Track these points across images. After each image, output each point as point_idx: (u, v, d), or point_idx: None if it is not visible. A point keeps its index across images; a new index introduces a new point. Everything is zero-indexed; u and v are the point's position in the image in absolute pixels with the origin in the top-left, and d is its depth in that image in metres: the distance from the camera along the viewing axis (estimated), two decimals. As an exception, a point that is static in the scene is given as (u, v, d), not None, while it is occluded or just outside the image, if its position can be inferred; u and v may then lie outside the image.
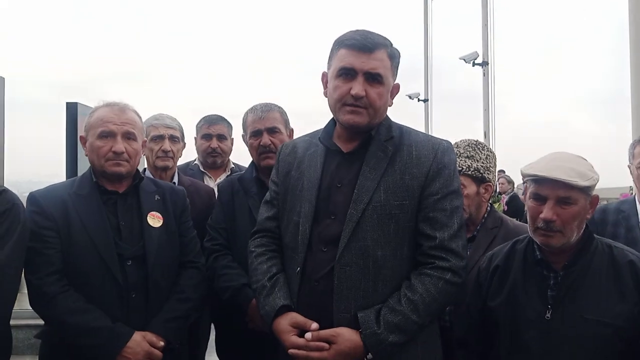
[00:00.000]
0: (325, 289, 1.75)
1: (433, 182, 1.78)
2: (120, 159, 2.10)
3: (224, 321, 2.71)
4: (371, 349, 1.67)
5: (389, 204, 1.75)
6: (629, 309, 1.72)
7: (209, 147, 3.32)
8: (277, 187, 1.99)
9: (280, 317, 1.78)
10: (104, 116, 2.12)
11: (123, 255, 2.05)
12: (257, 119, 2.56)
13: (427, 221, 1.76)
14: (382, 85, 1.79)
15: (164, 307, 2.11)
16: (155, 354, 2.01)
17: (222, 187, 2.68)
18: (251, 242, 2.02)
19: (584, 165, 1.80)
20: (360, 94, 1.76)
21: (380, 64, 1.78)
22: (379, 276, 1.74)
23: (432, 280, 1.72)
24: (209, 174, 3.39)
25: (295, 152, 1.97)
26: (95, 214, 2.07)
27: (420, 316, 1.70)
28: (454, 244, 1.75)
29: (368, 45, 1.77)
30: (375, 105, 1.79)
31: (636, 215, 2.55)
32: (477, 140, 2.47)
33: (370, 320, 1.69)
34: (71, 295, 1.98)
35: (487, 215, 2.36)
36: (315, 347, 1.69)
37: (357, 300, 1.73)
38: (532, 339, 1.79)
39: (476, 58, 14.64)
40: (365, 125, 1.81)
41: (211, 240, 2.54)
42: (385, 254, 1.74)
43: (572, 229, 1.77)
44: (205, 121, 3.36)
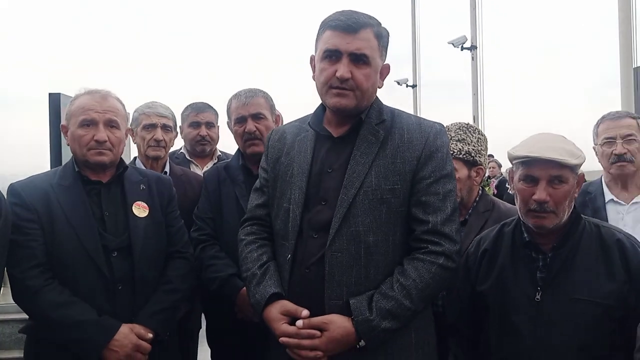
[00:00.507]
0: (317, 276, 1.73)
1: (425, 165, 1.75)
2: (103, 147, 2.05)
3: (214, 311, 2.69)
4: (363, 335, 1.65)
5: (380, 189, 1.73)
6: (618, 287, 1.72)
7: (197, 134, 3.29)
8: (266, 174, 1.96)
9: (271, 305, 1.76)
10: (85, 104, 2.07)
11: (108, 247, 2.01)
12: (241, 105, 2.52)
13: (420, 205, 1.74)
14: (368, 66, 1.75)
15: (152, 298, 2.08)
16: (143, 346, 1.98)
17: (208, 175, 2.65)
18: (241, 230, 1.99)
19: (570, 144, 1.81)
20: (345, 75, 1.72)
21: (365, 44, 1.73)
22: (370, 262, 1.71)
23: (425, 265, 1.69)
24: (196, 162, 3.36)
25: (285, 138, 1.94)
26: (79, 205, 2.02)
27: (413, 302, 1.67)
28: (447, 228, 1.72)
29: (352, 25, 1.73)
30: (362, 87, 1.75)
31: (602, 195, 2.55)
32: (468, 123, 2.45)
33: (363, 306, 1.67)
34: (55, 289, 1.94)
35: (479, 198, 2.35)
36: (306, 335, 1.67)
37: (349, 286, 1.70)
38: (522, 322, 1.79)
39: (464, 42, 14.65)
40: (353, 108, 1.78)
41: (198, 230, 2.50)
42: (377, 239, 1.72)
43: (564, 209, 1.77)
44: (193, 109, 3.32)
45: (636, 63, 7.14)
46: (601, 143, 2.54)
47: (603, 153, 2.54)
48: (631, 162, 2.48)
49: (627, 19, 7.38)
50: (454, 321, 2.05)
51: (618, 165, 2.48)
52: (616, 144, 2.48)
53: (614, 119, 2.56)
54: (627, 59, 7.33)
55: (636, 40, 7.37)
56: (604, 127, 2.56)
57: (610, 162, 2.50)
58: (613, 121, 2.55)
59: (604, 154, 2.54)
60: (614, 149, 2.48)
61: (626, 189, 2.52)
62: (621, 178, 2.52)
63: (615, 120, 2.55)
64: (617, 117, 2.57)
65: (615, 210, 2.49)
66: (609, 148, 2.51)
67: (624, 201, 2.50)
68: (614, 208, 2.50)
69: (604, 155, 2.53)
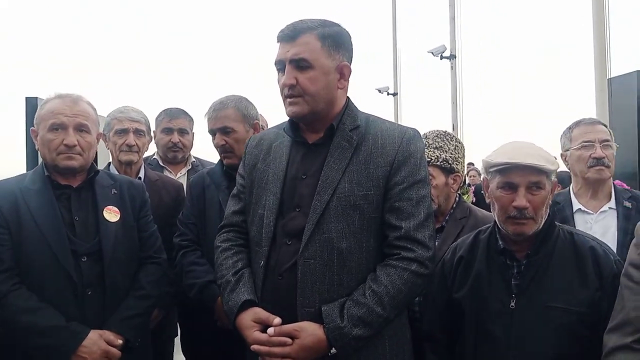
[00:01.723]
0: (289, 283, 1.71)
1: (398, 171, 1.74)
2: (73, 152, 2.02)
3: (190, 319, 2.66)
4: (335, 343, 1.63)
5: (353, 195, 1.71)
6: (591, 295, 1.73)
7: (169, 141, 3.23)
8: (243, 180, 1.95)
9: (244, 312, 1.74)
10: (54, 108, 2.04)
11: (77, 252, 1.97)
12: (210, 119, 2.51)
13: (393, 211, 1.72)
14: (312, 69, 1.74)
15: (123, 304, 2.05)
16: (112, 353, 1.94)
17: (194, 181, 2.64)
18: (218, 237, 1.98)
19: (545, 151, 1.83)
20: (286, 82, 1.74)
21: (304, 48, 1.73)
22: (343, 269, 1.70)
23: (397, 272, 1.68)
24: (169, 168, 3.31)
25: (262, 144, 1.93)
26: (48, 209, 1.99)
27: (385, 309, 1.66)
28: (420, 234, 1.71)
29: (290, 33, 1.75)
30: (309, 91, 1.74)
31: (570, 206, 2.50)
32: (445, 131, 2.46)
33: (334, 314, 1.65)
34: (22, 294, 1.90)
35: (456, 205, 2.36)
36: (277, 343, 1.65)
37: (321, 294, 1.69)
38: (497, 329, 1.80)
39: (444, 51, 14.79)
40: (309, 114, 1.77)
41: (180, 235, 2.50)
42: (350, 246, 1.70)
43: (541, 215, 1.79)
44: (166, 115, 3.27)
45: (610, 74, 7.28)
46: (578, 147, 2.49)
47: (580, 157, 2.48)
48: (608, 168, 2.44)
49: (601, 30, 7.54)
50: (430, 328, 2.04)
51: (597, 169, 2.43)
52: (595, 147, 2.44)
53: (591, 124, 2.53)
54: (602, 70, 7.48)
55: (610, 51, 7.53)
56: (580, 131, 2.51)
57: (588, 166, 2.44)
58: (590, 125, 2.52)
59: (580, 157, 2.47)
60: (593, 153, 2.43)
61: (595, 198, 2.48)
62: (594, 185, 2.47)
63: (592, 125, 2.52)
64: (593, 122, 2.55)
65: (584, 220, 2.46)
66: (586, 151, 2.45)
67: (591, 210, 2.46)
68: (582, 217, 2.46)
69: (581, 159, 2.47)
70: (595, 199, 2.48)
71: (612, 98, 5.50)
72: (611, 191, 2.50)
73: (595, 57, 7.85)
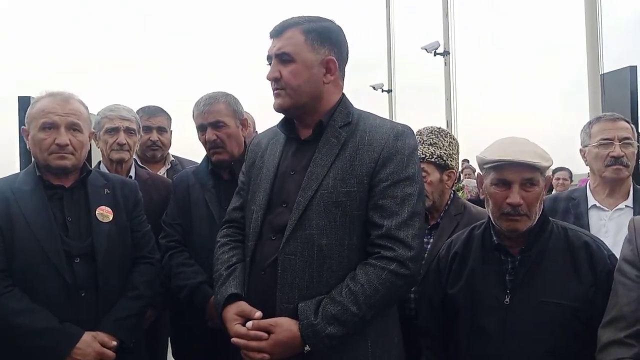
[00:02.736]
0: (271, 278, 1.72)
1: (383, 168, 1.70)
2: (65, 151, 2.00)
3: (180, 321, 2.63)
4: (307, 340, 1.62)
5: (336, 192, 1.70)
6: (584, 290, 1.74)
7: (148, 139, 3.18)
8: (244, 177, 1.97)
9: (229, 305, 1.76)
10: (45, 107, 2.02)
11: (70, 253, 1.96)
12: (200, 114, 2.46)
13: (376, 209, 1.70)
14: (293, 63, 1.75)
15: (116, 305, 2.04)
16: (107, 354, 1.94)
17: (177, 181, 2.60)
18: (219, 232, 2.00)
19: (539, 147, 1.83)
20: (269, 76, 1.77)
21: (286, 42, 1.75)
22: (323, 266, 1.68)
23: (375, 271, 1.65)
24: (148, 167, 3.21)
25: (262, 142, 1.95)
26: (40, 210, 1.97)
27: (360, 308, 1.63)
28: (402, 233, 1.66)
29: (277, 29, 1.79)
30: (291, 84, 1.75)
31: (585, 202, 2.44)
32: (440, 128, 2.45)
33: (309, 310, 1.64)
34: (15, 295, 1.89)
35: (450, 202, 2.36)
36: (254, 336, 1.66)
37: (300, 290, 1.68)
38: (491, 324, 1.80)
39: (437, 48, 14.83)
40: (292, 107, 1.78)
41: (166, 237, 2.46)
42: (331, 243, 1.68)
43: (535, 211, 1.79)
44: (145, 113, 3.21)
45: (603, 70, 7.32)
46: (597, 144, 2.40)
47: (598, 154, 2.40)
48: (626, 167, 2.36)
49: (594, 26, 7.59)
50: (425, 324, 2.05)
51: (614, 168, 2.35)
52: (614, 145, 2.36)
53: (611, 120, 2.43)
54: (594, 65, 7.53)
55: (602, 47, 7.57)
56: (600, 128, 2.43)
57: (605, 165, 2.37)
58: (611, 122, 2.42)
59: (598, 155, 2.40)
60: (611, 151, 2.35)
61: (612, 195, 2.42)
62: (612, 183, 2.40)
63: (613, 121, 2.43)
64: (615, 118, 2.45)
65: (598, 217, 2.40)
66: (605, 150, 2.38)
67: (607, 207, 2.40)
68: (597, 214, 2.41)
69: (599, 156, 2.40)
70: (612, 196, 2.42)
71: (605, 94, 5.54)
72: (630, 189, 2.43)
73: (587, 53, 7.90)
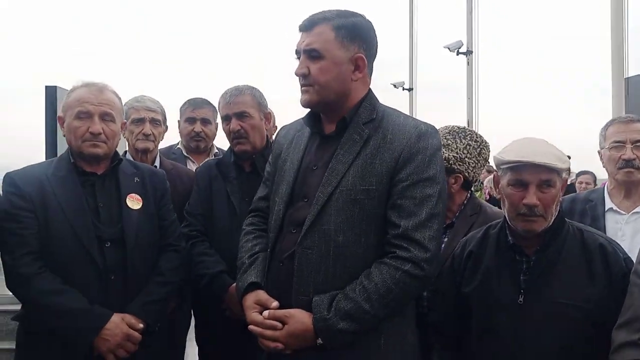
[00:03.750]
0: (288, 270, 1.75)
1: (404, 167, 1.70)
2: (98, 140, 2.07)
3: (203, 309, 2.68)
4: (320, 333, 1.65)
5: (355, 189, 1.71)
6: (598, 292, 1.74)
7: (192, 131, 3.27)
8: (270, 167, 2.01)
9: (249, 293, 1.81)
10: (81, 96, 2.09)
11: (102, 237, 2.03)
12: (226, 104, 2.51)
13: (395, 208, 1.69)
14: (322, 59, 1.75)
15: (144, 289, 2.10)
16: (134, 336, 2.00)
17: (200, 172, 2.65)
18: (245, 220, 2.05)
19: (556, 149, 1.83)
20: (298, 71, 1.78)
21: (316, 38, 1.75)
22: (339, 262, 1.70)
23: (389, 270, 1.65)
24: (192, 158, 3.35)
25: (289, 134, 1.97)
26: (73, 196, 2.04)
27: (372, 306, 1.64)
28: (419, 234, 1.66)
29: (307, 24, 1.78)
30: (319, 81, 1.75)
31: (603, 205, 2.41)
32: (462, 128, 2.38)
33: (323, 305, 1.66)
34: (47, 277, 1.96)
35: (467, 202, 2.34)
36: (269, 326, 1.70)
37: (316, 284, 1.71)
38: (504, 324, 1.81)
39: (460, 47, 14.70)
40: (319, 103, 1.79)
41: (188, 226, 2.51)
42: (347, 240, 1.70)
43: (552, 213, 1.79)
44: (190, 104, 3.31)
45: (628, 73, 7.23)
46: (609, 147, 2.39)
47: (610, 157, 2.39)
48: (638, 170, 2.34)
49: (619, 29, 7.48)
50: (438, 322, 2.06)
51: (625, 171, 2.34)
52: (625, 148, 2.34)
53: (624, 122, 2.41)
54: (619, 69, 7.42)
55: (628, 50, 7.48)
56: (613, 130, 2.42)
57: (617, 167, 2.36)
58: (624, 124, 2.41)
59: (611, 158, 2.39)
60: (623, 154, 2.34)
61: (628, 198, 2.39)
62: (626, 185, 2.38)
63: (626, 123, 2.40)
64: (628, 120, 2.42)
65: (614, 220, 2.38)
66: (617, 152, 2.37)
67: (624, 210, 2.37)
68: (613, 217, 2.38)
69: (611, 159, 2.39)
70: (629, 199, 2.40)
71: (629, 97, 5.47)
72: None
73: (612, 55, 7.79)
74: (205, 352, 2.70)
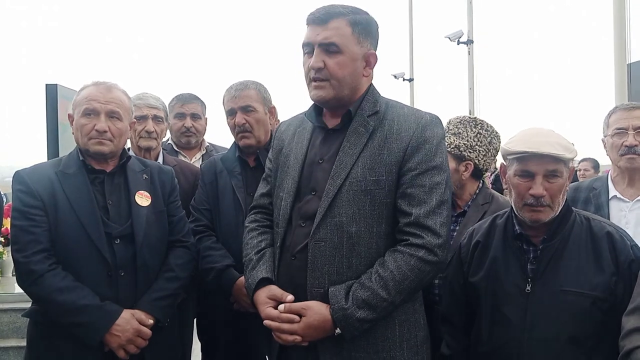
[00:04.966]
0: (301, 263, 1.77)
1: (412, 157, 1.74)
2: (103, 137, 2.08)
3: (206, 303, 2.71)
4: (338, 323, 1.68)
5: (365, 180, 1.73)
6: (606, 279, 1.75)
7: (182, 126, 3.27)
8: (271, 164, 2.01)
9: (260, 289, 1.82)
10: (89, 94, 2.11)
11: (111, 234, 2.05)
12: (231, 98, 2.53)
13: (405, 197, 1.73)
14: (340, 54, 1.76)
15: (153, 285, 2.12)
16: (144, 332, 2.02)
17: (205, 167, 2.67)
18: (247, 217, 2.06)
19: (563, 139, 1.83)
20: (315, 65, 1.75)
21: (334, 33, 1.75)
22: (352, 252, 1.73)
23: (404, 258, 1.69)
24: (183, 153, 3.34)
25: (288, 129, 1.98)
26: (83, 193, 2.06)
27: (389, 293, 1.67)
28: (431, 221, 1.70)
29: (321, 17, 1.76)
30: (337, 76, 1.76)
31: (606, 193, 2.44)
32: (473, 118, 2.44)
33: (340, 295, 1.69)
34: (59, 274, 1.98)
35: (479, 191, 2.38)
36: (286, 319, 1.72)
37: (330, 275, 1.73)
38: (512, 312, 1.82)
39: (461, 36, 14.65)
40: (333, 99, 1.80)
41: (195, 221, 2.53)
42: (360, 230, 1.73)
43: (559, 202, 1.80)
44: (178, 100, 3.30)
45: (630, 59, 7.19)
46: (612, 134, 2.42)
47: (613, 144, 2.42)
48: None
49: (621, 15, 7.44)
50: (447, 311, 2.08)
51: (628, 157, 2.37)
52: (627, 135, 2.37)
53: (627, 110, 2.44)
54: (621, 55, 7.39)
55: (630, 36, 7.44)
56: (615, 118, 2.44)
57: (619, 154, 2.39)
58: (626, 111, 2.43)
59: (613, 145, 2.42)
60: (625, 141, 2.37)
61: (632, 185, 2.41)
62: (629, 172, 2.41)
63: (629, 110, 2.43)
64: (631, 107, 2.45)
65: (618, 208, 2.40)
66: (619, 139, 2.39)
67: (628, 198, 2.39)
68: (617, 205, 2.40)
69: (614, 146, 2.41)
70: (633, 186, 2.42)
71: (632, 83, 5.45)
72: None
73: (614, 42, 7.75)
74: (209, 348, 2.72)
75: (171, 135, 3.39)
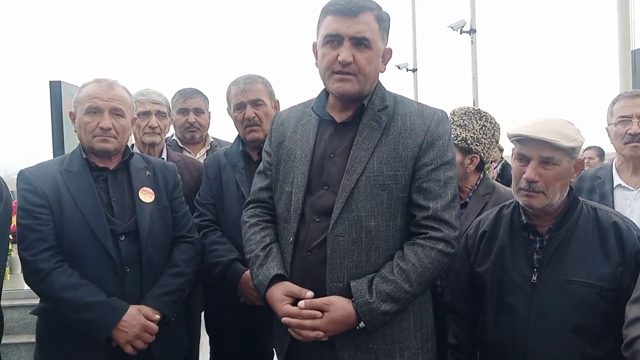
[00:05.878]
0: (318, 258, 1.76)
1: (427, 152, 1.76)
2: (108, 135, 2.09)
3: (213, 297, 2.72)
4: (363, 317, 1.69)
5: (382, 175, 1.74)
6: (612, 269, 1.75)
7: (186, 121, 3.25)
8: (269, 157, 1.98)
9: (274, 286, 1.79)
10: (91, 92, 2.11)
11: (116, 231, 2.05)
12: (240, 92, 2.52)
13: (421, 192, 1.76)
14: (370, 50, 1.75)
15: (158, 281, 2.13)
16: (151, 327, 2.03)
17: (209, 162, 2.66)
18: (245, 212, 2.03)
19: (569, 128, 1.81)
20: (347, 59, 1.73)
21: (366, 27, 1.73)
22: (371, 246, 1.74)
23: (424, 250, 1.72)
24: (188, 148, 3.34)
25: (288, 121, 1.96)
26: (87, 191, 2.07)
27: (412, 285, 1.71)
28: (447, 214, 1.74)
29: (352, 9, 1.72)
30: (364, 71, 1.76)
31: (611, 181, 2.44)
32: (477, 110, 2.43)
33: (363, 289, 1.70)
34: (65, 271, 1.99)
35: (480, 182, 2.38)
36: (308, 315, 1.71)
37: (349, 270, 1.73)
38: (518, 302, 1.82)
39: (464, 26, 14.55)
40: (356, 93, 1.78)
41: (200, 216, 2.53)
42: (378, 224, 1.74)
43: (554, 191, 1.79)
44: (181, 95, 3.28)
45: (634, 46, 7.14)
46: (616, 122, 2.42)
47: (617, 132, 2.41)
48: None
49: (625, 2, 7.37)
50: (452, 301, 2.08)
51: (632, 145, 2.37)
52: (632, 122, 2.37)
53: (630, 97, 2.43)
54: (625, 42, 7.33)
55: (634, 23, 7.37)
56: (619, 106, 2.44)
57: (623, 142, 2.39)
58: (630, 99, 2.42)
59: (617, 133, 2.41)
60: (629, 129, 2.37)
61: (636, 174, 2.41)
62: (633, 161, 2.41)
63: (633, 98, 2.42)
64: (635, 95, 2.44)
65: (623, 196, 2.40)
66: (623, 127, 2.39)
67: (632, 186, 2.39)
68: (622, 194, 2.41)
69: (618, 134, 2.41)
70: (637, 175, 2.41)
71: (636, 71, 5.41)
72: None
73: (619, 28, 7.69)
74: (217, 341, 2.73)
75: (175, 130, 3.39)
